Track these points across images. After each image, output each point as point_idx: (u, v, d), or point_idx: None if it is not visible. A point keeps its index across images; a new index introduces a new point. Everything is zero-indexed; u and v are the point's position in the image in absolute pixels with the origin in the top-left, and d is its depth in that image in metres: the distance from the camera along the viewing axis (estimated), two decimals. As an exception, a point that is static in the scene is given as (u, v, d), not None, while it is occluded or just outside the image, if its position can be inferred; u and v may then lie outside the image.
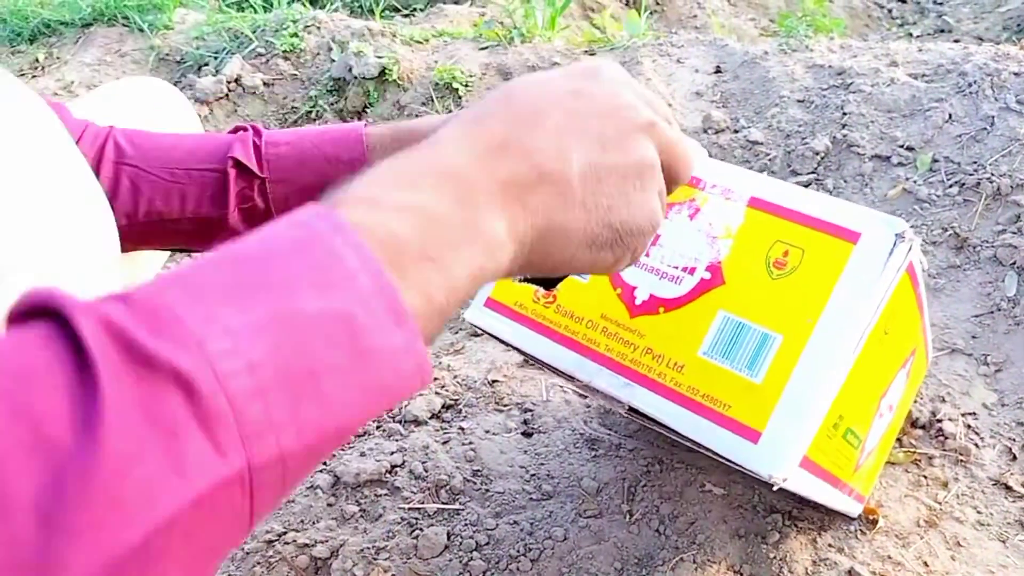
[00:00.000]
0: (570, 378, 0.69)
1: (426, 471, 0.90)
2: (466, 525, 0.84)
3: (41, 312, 0.28)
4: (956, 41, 2.15)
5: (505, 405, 1.02)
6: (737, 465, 0.59)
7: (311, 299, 0.30)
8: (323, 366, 0.30)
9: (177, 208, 0.77)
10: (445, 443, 0.95)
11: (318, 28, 1.79)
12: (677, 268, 0.65)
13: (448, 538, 0.83)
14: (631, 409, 0.64)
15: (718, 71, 1.46)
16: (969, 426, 0.90)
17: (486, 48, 1.69)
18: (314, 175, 0.78)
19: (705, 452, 0.61)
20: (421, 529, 0.84)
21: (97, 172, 0.76)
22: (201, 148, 0.79)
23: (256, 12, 2.09)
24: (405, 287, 0.33)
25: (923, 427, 0.91)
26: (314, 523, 0.86)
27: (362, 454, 0.92)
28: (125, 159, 0.77)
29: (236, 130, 0.81)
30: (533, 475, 0.90)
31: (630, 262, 0.48)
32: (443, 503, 0.87)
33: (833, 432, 0.62)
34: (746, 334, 0.61)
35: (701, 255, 0.64)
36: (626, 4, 2.41)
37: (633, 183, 0.45)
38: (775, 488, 0.59)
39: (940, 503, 0.83)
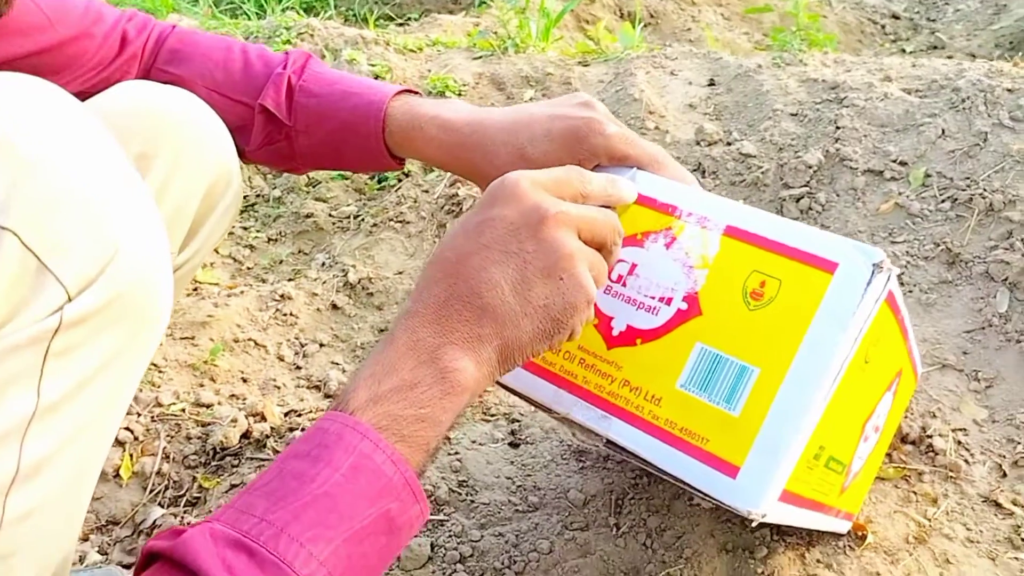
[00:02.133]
0: (548, 410, 0.67)
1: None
2: (450, 536, 0.83)
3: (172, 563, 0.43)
4: (949, 58, 2.16)
5: (493, 415, 1.01)
6: (715, 500, 0.58)
7: (367, 512, 0.47)
8: (373, 552, 0.47)
9: None
10: (431, 453, 0.93)
11: (311, 35, 1.78)
12: (654, 298, 0.64)
13: (432, 549, 0.82)
14: (609, 442, 0.63)
15: (712, 84, 1.46)
16: (959, 442, 0.90)
17: (480, 58, 1.68)
18: (331, 134, 0.80)
19: (683, 486, 0.60)
20: (404, 540, 0.83)
21: (147, 73, 0.84)
22: (241, 78, 0.82)
23: (249, 19, 2.08)
24: (410, 452, 0.49)
25: (913, 443, 0.90)
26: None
27: (346, 463, 0.91)
28: (170, 69, 0.83)
29: (286, 55, 0.83)
30: (519, 486, 0.89)
31: (582, 327, 0.57)
32: (427, 514, 0.86)
33: (814, 463, 0.61)
34: (723, 367, 0.60)
35: (678, 285, 0.63)
36: (620, 17, 2.41)
37: (559, 275, 0.53)
38: (754, 524, 0.58)
39: (930, 519, 0.82)
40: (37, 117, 0.48)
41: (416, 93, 0.80)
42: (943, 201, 1.11)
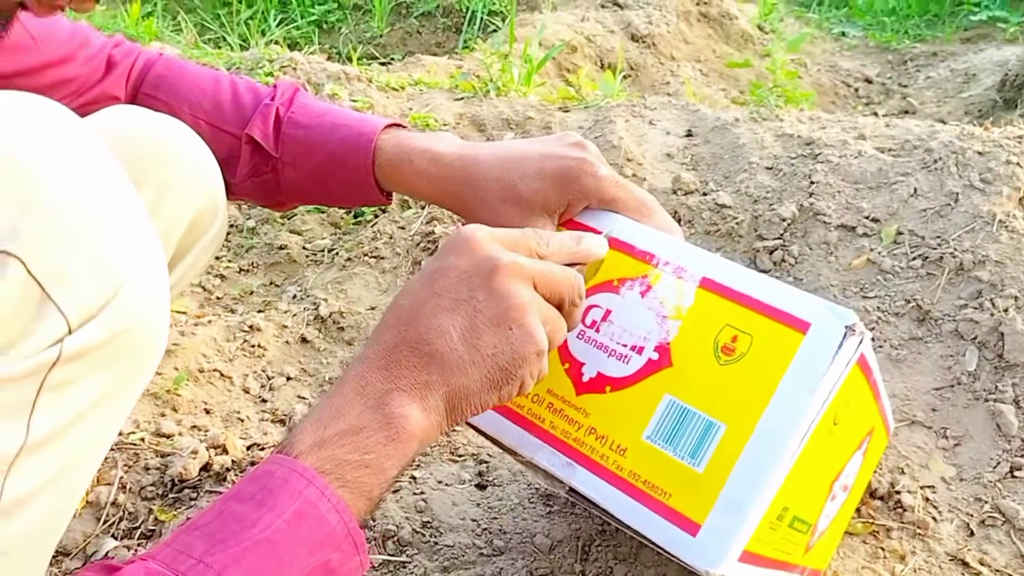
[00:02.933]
0: (513, 453, 0.66)
1: (373, 520, 0.87)
2: (412, 579, 0.81)
3: None
4: (920, 122, 2.20)
5: (460, 455, 0.99)
6: (674, 557, 0.57)
7: (307, 562, 0.45)
8: None
9: None
10: (395, 492, 0.91)
11: (294, 69, 1.79)
12: (626, 346, 0.63)
13: (393, 592, 0.80)
14: (572, 490, 0.62)
15: (689, 135, 1.48)
16: (927, 499, 0.89)
17: (461, 99, 1.69)
18: (318, 167, 0.78)
19: (643, 541, 0.59)
20: (365, 581, 0.80)
21: (133, 98, 0.82)
22: (230, 108, 0.81)
23: (233, 50, 2.09)
24: (353, 499, 0.48)
25: (881, 498, 0.90)
26: (253, 570, 0.82)
27: (308, 499, 0.89)
28: (157, 95, 0.82)
29: (274, 87, 0.82)
30: (485, 529, 0.87)
31: (535, 380, 0.56)
32: (389, 555, 0.84)
33: (777, 524, 0.60)
34: (690, 420, 0.59)
35: (650, 334, 0.63)
36: (601, 67, 2.44)
37: (509, 325, 0.53)
38: None
39: (897, 577, 0.81)
40: (49, 139, 0.47)
41: (404, 127, 0.80)
42: (914, 259, 1.12)
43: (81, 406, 0.47)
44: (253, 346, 1.19)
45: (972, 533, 0.86)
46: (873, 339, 1.07)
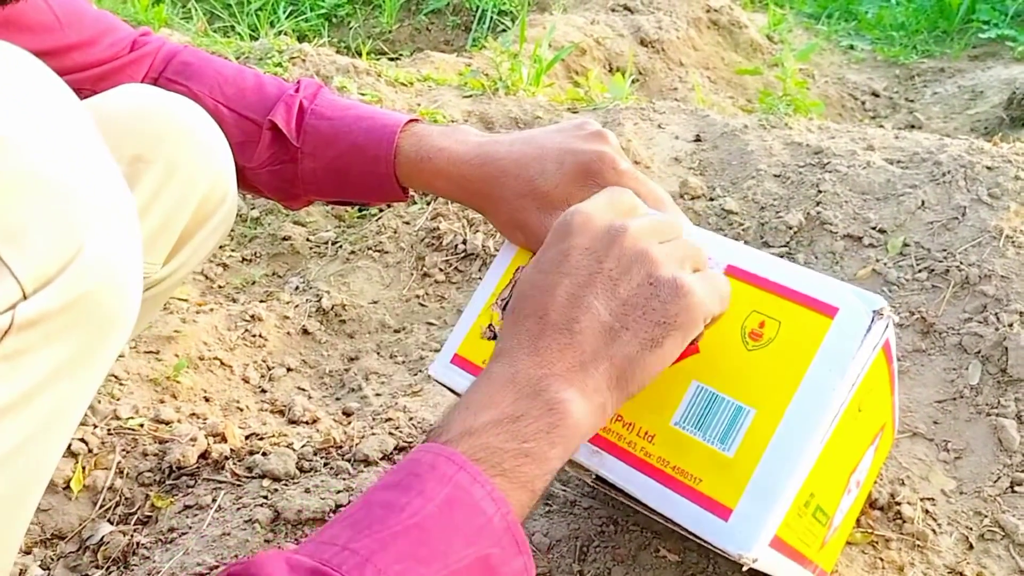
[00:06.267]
0: None
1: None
2: (409, 573, 0.81)
3: None
4: (926, 137, 2.20)
5: (459, 452, 0.98)
6: (705, 542, 0.57)
7: (464, 553, 0.41)
8: None
9: None
10: (394, 486, 0.91)
11: (303, 60, 1.78)
12: None
13: (389, 586, 0.79)
14: (598, 478, 0.62)
15: (698, 139, 1.47)
16: (927, 511, 0.89)
17: (470, 96, 1.69)
18: (339, 157, 0.78)
19: (672, 526, 0.59)
20: (361, 574, 0.80)
21: (155, 83, 0.82)
22: (252, 96, 0.80)
23: (242, 39, 2.08)
24: (512, 489, 0.44)
25: (881, 508, 0.89)
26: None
27: (307, 491, 0.88)
28: (179, 79, 0.82)
29: (298, 82, 0.82)
30: (483, 526, 0.86)
31: (705, 325, 0.54)
32: (387, 548, 0.83)
33: (804, 510, 0.61)
34: (719, 406, 0.59)
35: None
36: (609, 70, 2.44)
37: (649, 281, 0.51)
38: (744, 569, 0.56)
39: (896, 588, 0.81)
40: (11, 90, 0.43)
41: (422, 122, 0.79)
42: (920, 271, 1.12)
43: (38, 377, 0.44)
44: (254, 336, 1.19)
45: (971, 547, 0.86)
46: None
